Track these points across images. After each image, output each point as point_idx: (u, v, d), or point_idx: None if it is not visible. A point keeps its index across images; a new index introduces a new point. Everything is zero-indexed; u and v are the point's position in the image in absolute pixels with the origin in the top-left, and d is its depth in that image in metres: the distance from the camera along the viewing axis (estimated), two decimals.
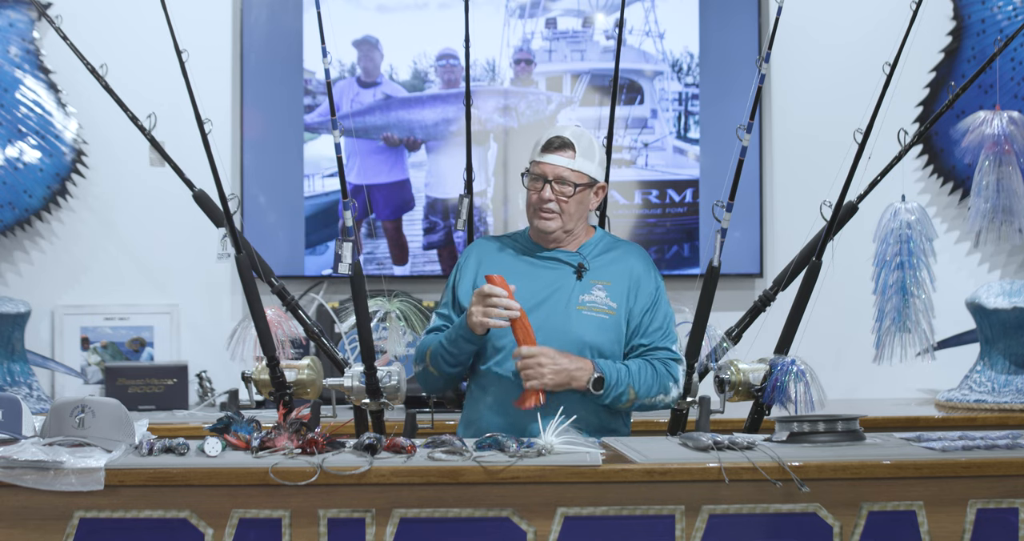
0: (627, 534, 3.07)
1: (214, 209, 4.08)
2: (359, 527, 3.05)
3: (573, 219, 3.56)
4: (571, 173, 3.53)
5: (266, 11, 5.14)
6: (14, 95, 4.97)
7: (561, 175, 3.52)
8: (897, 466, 3.12)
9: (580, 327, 3.50)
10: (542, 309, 3.50)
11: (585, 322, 3.51)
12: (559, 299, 3.53)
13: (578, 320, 3.50)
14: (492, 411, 3.55)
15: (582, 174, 3.53)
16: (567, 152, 3.53)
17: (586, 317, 3.51)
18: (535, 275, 3.56)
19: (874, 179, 3.96)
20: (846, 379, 4.98)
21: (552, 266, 3.57)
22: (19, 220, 5.00)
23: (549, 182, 3.53)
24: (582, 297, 3.53)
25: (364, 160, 5.14)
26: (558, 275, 3.56)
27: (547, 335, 3.46)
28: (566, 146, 3.53)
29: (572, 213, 3.55)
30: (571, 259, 3.58)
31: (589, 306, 3.52)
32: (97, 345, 5.06)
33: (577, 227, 3.59)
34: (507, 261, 3.61)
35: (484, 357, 3.57)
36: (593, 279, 3.55)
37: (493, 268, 3.56)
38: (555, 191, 3.52)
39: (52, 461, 3.01)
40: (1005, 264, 5.26)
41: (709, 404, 3.79)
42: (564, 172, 3.52)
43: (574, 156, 3.53)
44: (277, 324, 3.85)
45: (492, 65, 5.16)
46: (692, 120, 5.20)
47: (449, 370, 3.57)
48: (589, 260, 3.57)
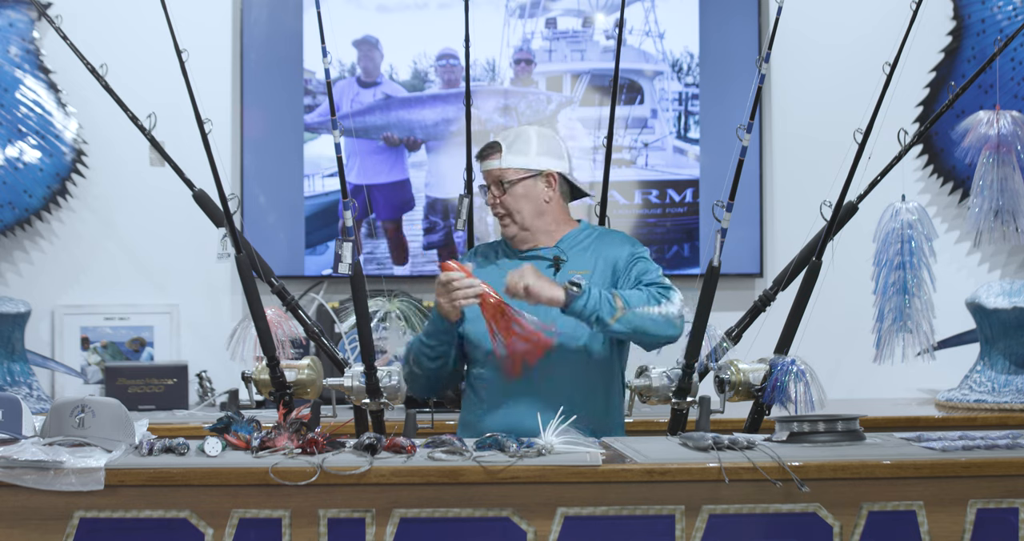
0: (627, 534, 3.07)
1: (214, 209, 4.08)
2: (359, 527, 3.05)
3: (528, 215, 3.59)
4: (501, 172, 3.59)
5: (266, 11, 5.14)
6: (14, 95, 4.98)
7: (495, 178, 3.60)
8: (897, 466, 3.12)
9: (560, 319, 3.49)
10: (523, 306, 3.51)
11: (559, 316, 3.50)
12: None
13: (555, 312, 3.50)
14: (488, 413, 3.56)
15: (514, 170, 3.58)
16: (493, 155, 3.61)
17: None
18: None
19: (874, 179, 3.96)
20: (846, 379, 4.98)
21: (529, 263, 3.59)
22: (19, 220, 5.00)
23: (489, 188, 3.61)
24: None
25: (364, 160, 5.14)
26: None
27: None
28: (491, 149, 3.62)
29: (522, 209, 3.58)
30: (548, 253, 3.60)
31: None
32: (97, 345, 5.06)
33: (540, 222, 3.60)
34: (489, 266, 3.66)
35: (474, 360, 3.59)
36: (572, 269, 3.55)
37: (480, 273, 3.58)
38: (494, 195, 3.60)
39: (52, 461, 3.01)
40: (1005, 264, 5.26)
41: (709, 404, 3.78)
42: (495, 173, 3.60)
43: (500, 155, 3.59)
44: (277, 324, 3.85)
45: (492, 65, 5.16)
46: (692, 120, 5.20)
47: (429, 364, 3.60)
48: (567, 251, 3.59)
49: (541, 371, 3.48)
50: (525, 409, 3.45)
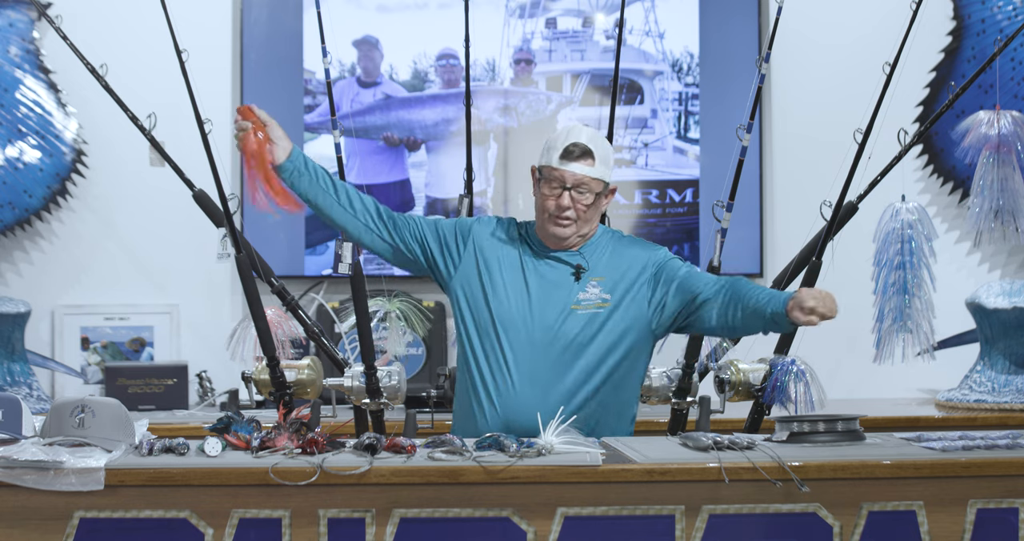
0: (627, 534, 3.07)
1: (214, 209, 4.08)
2: (359, 527, 3.05)
3: (588, 224, 3.52)
4: (591, 181, 3.46)
5: (266, 11, 5.14)
6: (14, 95, 4.98)
7: (581, 183, 3.46)
8: (897, 466, 3.12)
9: (571, 327, 3.46)
10: (538, 306, 3.48)
11: (577, 321, 3.47)
12: (557, 299, 3.50)
13: (572, 320, 3.47)
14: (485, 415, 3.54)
15: (600, 181, 3.49)
16: (587, 160, 3.46)
17: (580, 316, 3.48)
18: (537, 272, 3.53)
19: (874, 179, 3.96)
20: (846, 379, 4.98)
21: (553, 265, 3.54)
22: (19, 220, 5.00)
23: (568, 189, 3.47)
24: (578, 296, 3.51)
25: (364, 160, 5.14)
26: (558, 274, 3.53)
27: (539, 333, 3.45)
28: (587, 154, 3.46)
29: (590, 218, 3.50)
30: (572, 259, 3.55)
31: (584, 304, 3.49)
32: (97, 345, 5.06)
33: (588, 230, 3.56)
34: (509, 254, 3.57)
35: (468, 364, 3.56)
36: (590, 276, 3.53)
37: (492, 257, 3.53)
38: (574, 199, 3.46)
39: (52, 461, 3.01)
40: (1005, 264, 5.26)
41: (709, 404, 3.79)
42: (585, 179, 3.46)
43: (594, 164, 3.46)
44: (277, 324, 3.85)
45: (492, 65, 5.16)
46: (692, 120, 5.20)
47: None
48: (589, 258, 3.55)
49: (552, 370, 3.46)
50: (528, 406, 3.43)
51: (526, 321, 3.46)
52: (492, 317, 3.49)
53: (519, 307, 3.47)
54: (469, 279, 3.53)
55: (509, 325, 3.47)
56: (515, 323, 3.47)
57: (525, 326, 3.46)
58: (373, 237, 3.50)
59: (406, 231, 3.53)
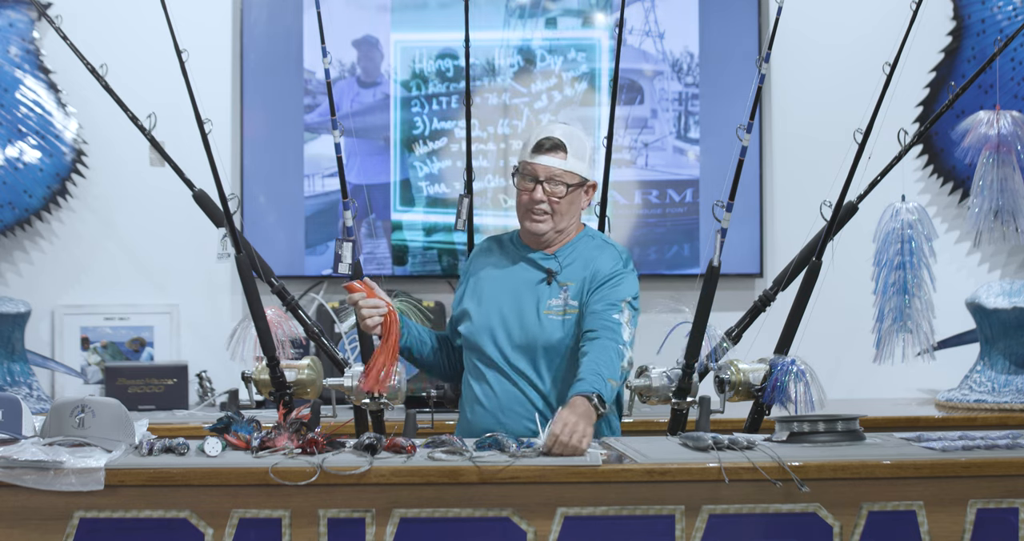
0: (627, 534, 3.07)
1: (214, 209, 4.08)
2: (359, 527, 3.05)
3: (564, 219, 3.56)
4: (563, 173, 3.52)
5: (266, 11, 5.13)
6: (14, 95, 4.98)
7: (553, 175, 3.51)
8: (897, 466, 3.12)
9: (546, 331, 3.52)
10: (515, 310, 3.54)
11: (550, 326, 3.52)
12: (530, 302, 3.54)
13: (546, 324, 3.52)
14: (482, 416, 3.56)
15: (574, 174, 3.53)
16: (559, 153, 3.51)
17: (552, 321, 3.53)
18: (513, 277, 3.58)
19: (874, 179, 3.96)
20: (846, 379, 4.98)
21: (527, 269, 3.59)
22: (19, 220, 5.00)
23: (541, 183, 3.52)
24: (549, 302, 3.54)
25: (364, 160, 5.14)
26: (531, 277, 3.57)
27: (519, 336, 3.52)
28: (558, 147, 3.51)
29: (564, 213, 3.55)
30: (546, 263, 3.57)
31: (554, 310, 3.53)
32: (97, 345, 5.06)
33: (566, 227, 3.59)
34: (492, 264, 3.64)
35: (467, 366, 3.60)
36: (561, 281, 3.55)
37: (481, 271, 3.60)
38: (547, 192, 3.52)
39: (52, 461, 3.01)
40: (1005, 264, 5.26)
41: (709, 404, 3.78)
42: (556, 172, 3.51)
43: (566, 157, 3.51)
44: (277, 324, 3.85)
45: (492, 65, 5.16)
46: (692, 120, 5.19)
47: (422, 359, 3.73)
48: (562, 262, 3.57)
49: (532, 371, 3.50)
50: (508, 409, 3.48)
51: (504, 323, 3.53)
52: (472, 320, 3.58)
53: (497, 311, 3.55)
54: (465, 295, 3.64)
55: (488, 329, 3.55)
56: (494, 327, 3.55)
57: (504, 328, 3.53)
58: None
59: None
